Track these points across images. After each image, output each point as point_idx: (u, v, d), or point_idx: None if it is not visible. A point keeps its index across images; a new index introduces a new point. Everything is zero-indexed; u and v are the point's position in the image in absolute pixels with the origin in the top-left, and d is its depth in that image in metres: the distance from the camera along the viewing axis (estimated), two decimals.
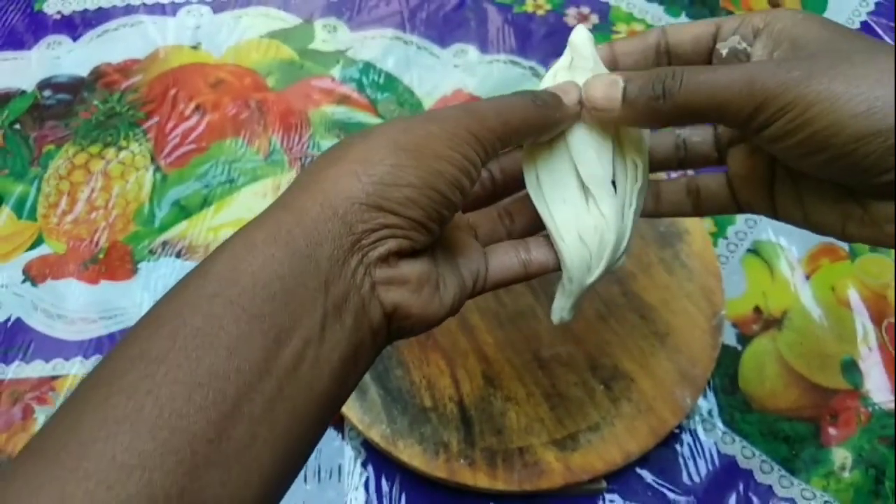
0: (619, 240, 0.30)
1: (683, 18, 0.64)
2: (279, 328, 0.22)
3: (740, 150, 0.31)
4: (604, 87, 0.28)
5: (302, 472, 0.43)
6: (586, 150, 0.29)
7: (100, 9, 0.66)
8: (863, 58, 0.24)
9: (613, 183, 0.30)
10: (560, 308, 0.32)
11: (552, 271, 0.31)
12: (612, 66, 0.31)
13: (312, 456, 0.44)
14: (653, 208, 0.33)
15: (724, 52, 0.29)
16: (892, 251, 0.51)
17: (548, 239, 0.31)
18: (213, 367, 0.21)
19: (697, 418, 0.45)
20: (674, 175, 0.47)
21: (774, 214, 0.31)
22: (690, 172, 0.35)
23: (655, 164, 0.33)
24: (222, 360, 0.21)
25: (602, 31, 0.64)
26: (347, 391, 0.26)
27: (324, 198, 0.24)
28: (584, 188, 0.30)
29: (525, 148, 0.31)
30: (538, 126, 0.28)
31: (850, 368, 0.46)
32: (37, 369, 0.48)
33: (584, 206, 0.30)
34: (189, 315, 0.22)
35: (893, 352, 0.47)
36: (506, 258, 0.31)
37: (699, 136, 0.33)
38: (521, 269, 0.31)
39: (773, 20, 0.28)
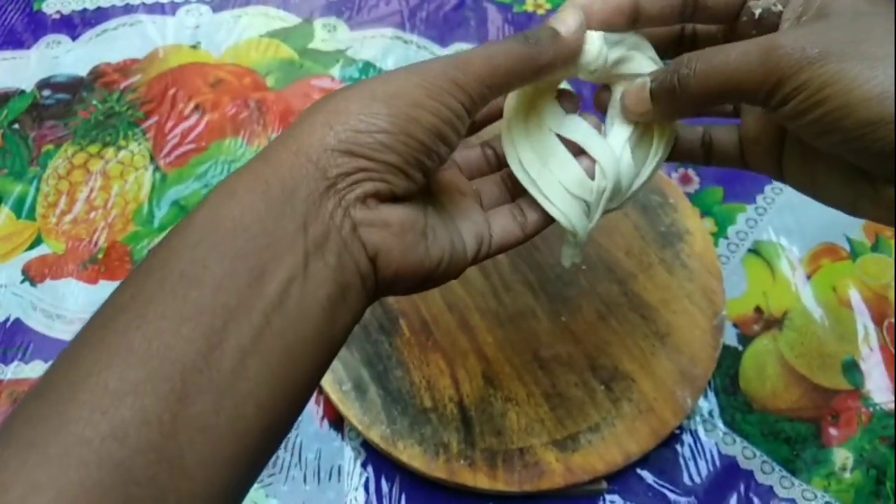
0: (617, 183, 0.30)
1: None
2: (262, 266, 0.23)
3: (753, 111, 0.31)
4: (635, 93, 0.29)
5: (301, 473, 0.43)
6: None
7: (99, 8, 0.66)
8: (884, 36, 0.24)
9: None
10: (570, 255, 0.33)
11: (548, 225, 0.31)
12: (634, 14, 0.29)
13: (312, 456, 0.44)
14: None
15: (758, 11, 0.28)
16: (893, 251, 0.50)
17: None
18: (198, 302, 0.22)
19: (698, 419, 0.45)
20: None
21: (782, 179, 0.31)
22: None
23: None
24: (208, 296, 0.22)
25: None
26: (340, 334, 0.26)
27: (297, 147, 0.25)
28: (568, 144, 0.30)
29: (503, 129, 0.31)
30: (531, 67, 0.27)
31: (851, 369, 0.46)
32: (36, 369, 0.48)
33: (567, 161, 0.30)
34: (175, 262, 0.23)
35: (894, 352, 0.47)
36: (505, 222, 0.31)
37: None
38: (520, 231, 0.31)
39: None
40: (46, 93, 0.60)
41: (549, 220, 0.31)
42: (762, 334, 0.48)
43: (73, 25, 0.65)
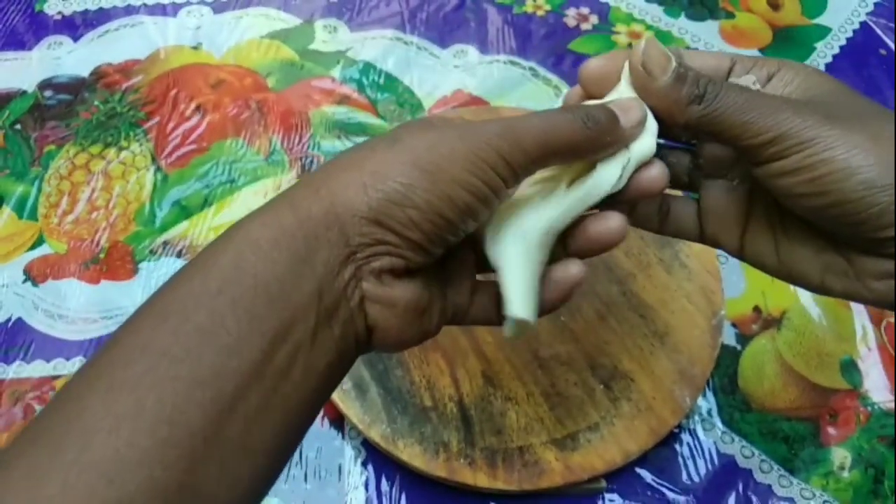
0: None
1: (683, 19, 0.64)
2: (276, 331, 0.23)
3: (717, 185, 0.31)
4: (658, 59, 0.26)
5: (302, 472, 0.44)
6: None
7: (100, 9, 0.66)
8: (881, 121, 0.25)
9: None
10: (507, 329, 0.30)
11: None
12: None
13: (313, 455, 0.44)
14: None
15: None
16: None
17: None
18: (214, 365, 0.21)
19: (697, 418, 0.45)
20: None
21: (740, 255, 0.30)
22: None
23: None
24: (223, 358, 0.22)
25: (602, 31, 0.64)
26: (331, 393, 0.26)
27: (329, 203, 0.24)
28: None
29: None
30: (584, 150, 0.26)
31: (850, 368, 0.46)
32: (38, 369, 0.48)
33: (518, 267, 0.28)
34: (192, 311, 0.22)
35: (892, 352, 0.47)
36: (486, 303, 0.30)
37: (675, 157, 0.32)
38: (496, 319, 0.30)
39: (785, 67, 0.28)
40: (48, 93, 0.61)
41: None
42: (761, 334, 0.48)
43: (74, 26, 0.65)
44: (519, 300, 0.27)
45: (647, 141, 0.28)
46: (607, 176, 0.27)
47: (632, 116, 0.27)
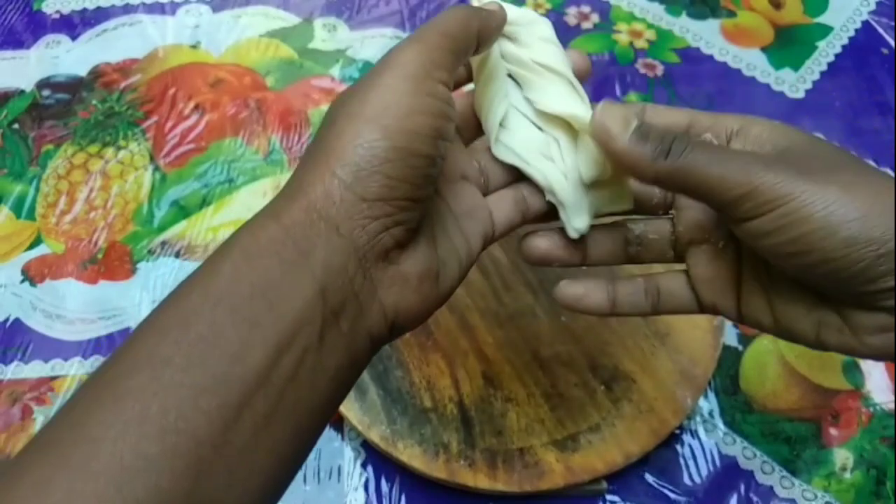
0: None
1: (684, 18, 0.64)
2: (279, 336, 0.22)
3: (703, 251, 0.30)
4: (618, 119, 0.26)
5: (301, 473, 0.43)
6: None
7: (99, 8, 0.66)
8: (854, 170, 0.25)
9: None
10: (570, 226, 0.30)
11: (550, 212, 0.31)
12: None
13: (312, 456, 0.44)
14: (608, 309, 0.32)
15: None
16: None
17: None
18: (217, 373, 0.21)
19: (698, 419, 0.45)
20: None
21: (740, 318, 0.30)
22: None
23: (605, 258, 0.32)
24: (226, 366, 0.21)
25: (602, 30, 0.64)
26: (345, 394, 0.26)
27: (307, 202, 0.24)
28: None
29: (492, 141, 0.31)
30: (477, 30, 0.27)
31: (852, 369, 0.46)
32: (35, 370, 0.48)
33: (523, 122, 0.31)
34: (194, 322, 0.22)
35: None
36: (508, 209, 0.30)
37: (655, 232, 0.31)
38: (520, 218, 0.31)
39: (748, 125, 0.28)
40: (46, 93, 0.60)
41: (551, 206, 0.30)
42: (762, 334, 0.48)
43: (72, 25, 0.65)
44: (574, 214, 0.29)
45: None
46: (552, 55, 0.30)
47: (490, 5, 0.29)
